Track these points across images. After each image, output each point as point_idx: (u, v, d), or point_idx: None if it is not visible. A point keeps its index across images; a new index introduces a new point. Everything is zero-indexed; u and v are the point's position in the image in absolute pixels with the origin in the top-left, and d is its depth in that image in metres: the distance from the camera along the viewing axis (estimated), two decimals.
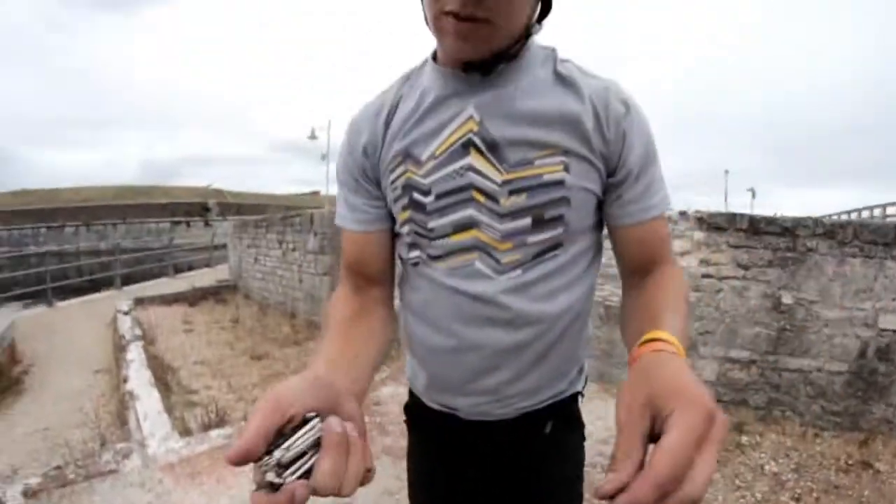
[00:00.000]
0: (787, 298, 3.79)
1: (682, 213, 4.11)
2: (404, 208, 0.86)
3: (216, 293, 10.87)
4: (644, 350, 0.62)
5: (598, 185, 0.82)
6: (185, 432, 3.88)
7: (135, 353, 6.09)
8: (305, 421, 0.47)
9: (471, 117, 0.80)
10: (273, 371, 6.02)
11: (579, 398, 1.01)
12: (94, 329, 8.10)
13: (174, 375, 5.74)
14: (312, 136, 23.91)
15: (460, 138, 0.80)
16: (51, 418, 4.76)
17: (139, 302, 9.86)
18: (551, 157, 0.79)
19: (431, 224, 0.84)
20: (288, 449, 0.44)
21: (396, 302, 0.98)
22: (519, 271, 0.83)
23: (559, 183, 0.79)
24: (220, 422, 4.09)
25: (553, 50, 0.85)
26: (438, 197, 0.82)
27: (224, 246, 14.32)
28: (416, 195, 0.84)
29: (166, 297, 10.38)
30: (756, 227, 3.87)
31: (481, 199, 0.81)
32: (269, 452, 0.43)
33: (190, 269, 16.22)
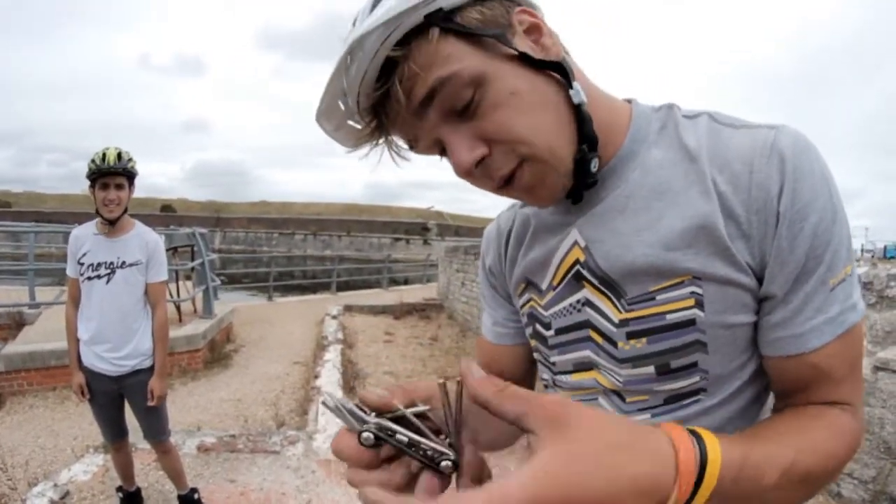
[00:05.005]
0: None
1: None
2: (531, 337, 0.84)
3: (422, 310, 11.63)
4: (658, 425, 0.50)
5: (752, 310, 0.64)
6: None
7: (332, 354, 6.85)
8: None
9: (575, 244, 0.72)
10: None
11: None
12: (302, 326, 9.30)
13: (362, 381, 6.17)
14: None
15: (570, 269, 0.73)
16: (245, 393, 5.56)
17: (348, 308, 11.10)
18: (677, 288, 0.64)
19: (553, 359, 0.80)
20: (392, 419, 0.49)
21: None
22: (647, 415, 0.72)
23: (689, 323, 0.64)
24: None
25: (670, 108, 0.70)
26: (558, 332, 0.77)
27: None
28: (539, 327, 0.80)
29: (374, 308, 11.46)
30: None
31: (599, 339, 0.72)
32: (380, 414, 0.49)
33: (406, 282, 18.42)
